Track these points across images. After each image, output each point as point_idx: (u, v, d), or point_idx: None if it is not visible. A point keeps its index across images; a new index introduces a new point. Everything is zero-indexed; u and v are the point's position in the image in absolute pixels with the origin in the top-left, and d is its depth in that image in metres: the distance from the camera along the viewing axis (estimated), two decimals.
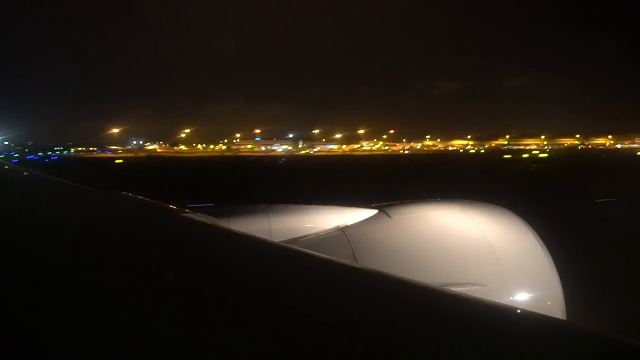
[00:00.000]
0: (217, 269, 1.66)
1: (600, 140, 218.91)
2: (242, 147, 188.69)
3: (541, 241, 3.20)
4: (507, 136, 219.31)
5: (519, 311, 1.32)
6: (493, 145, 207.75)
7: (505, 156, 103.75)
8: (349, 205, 3.54)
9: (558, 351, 0.98)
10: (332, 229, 3.29)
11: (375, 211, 3.40)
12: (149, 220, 2.78)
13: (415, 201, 3.58)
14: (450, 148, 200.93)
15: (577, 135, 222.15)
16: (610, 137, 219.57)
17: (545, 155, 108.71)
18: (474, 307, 1.24)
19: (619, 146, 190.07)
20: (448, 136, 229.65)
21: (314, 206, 3.54)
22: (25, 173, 5.37)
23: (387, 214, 3.34)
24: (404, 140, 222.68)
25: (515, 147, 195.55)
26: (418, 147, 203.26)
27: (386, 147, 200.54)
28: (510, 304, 2.84)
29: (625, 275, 10.47)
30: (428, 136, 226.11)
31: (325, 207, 3.51)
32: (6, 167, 6.15)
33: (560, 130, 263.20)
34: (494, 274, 2.99)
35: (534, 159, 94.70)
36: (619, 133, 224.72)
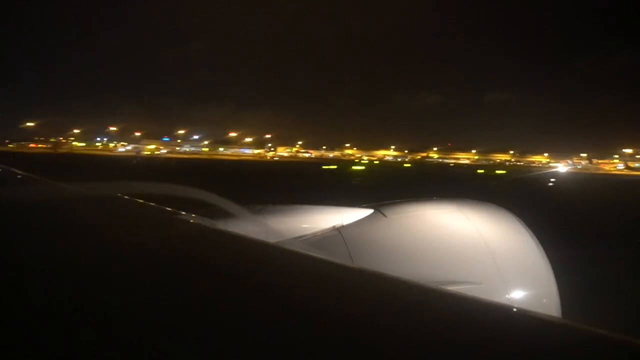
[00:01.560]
0: (213, 270, 1.69)
1: (537, 158, 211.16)
2: (148, 146, 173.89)
3: (536, 239, 3.37)
4: (435, 148, 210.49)
5: (514, 309, 1.34)
6: (418, 157, 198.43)
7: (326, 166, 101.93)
8: (345, 205, 3.66)
9: (554, 349, 1.00)
10: (328, 229, 3.35)
11: (371, 210, 3.49)
12: (144, 222, 2.85)
13: (412, 200, 3.70)
14: (368, 158, 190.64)
15: (511, 152, 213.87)
16: (546, 154, 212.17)
17: (362, 167, 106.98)
18: (470, 306, 1.27)
19: (560, 164, 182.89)
20: (375, 146, 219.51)
21: (309, 206, 3.60)
22: None
23: (383, 213, 3.43)
24: (324, 147, 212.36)
25: (441, 160, 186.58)
26: (330, 156, 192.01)
27: (308, 153, 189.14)
28: (506, 302, 3.01)
29: None
30: (348, 144, 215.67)
31: (321, 207, 3.58)
32: None
33: (494, 146, 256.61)
34: (489, 273, 3.12)
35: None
36: (558, 151, 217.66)
